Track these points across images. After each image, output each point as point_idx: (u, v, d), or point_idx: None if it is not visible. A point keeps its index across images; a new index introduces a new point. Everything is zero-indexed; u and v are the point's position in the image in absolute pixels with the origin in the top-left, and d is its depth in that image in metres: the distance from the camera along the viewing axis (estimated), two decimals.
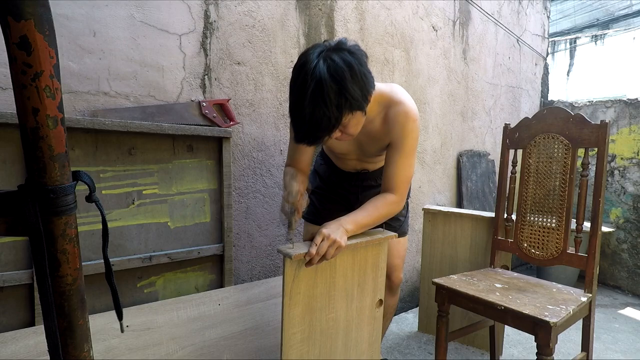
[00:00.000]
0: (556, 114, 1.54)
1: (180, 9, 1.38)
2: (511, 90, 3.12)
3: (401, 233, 1.42)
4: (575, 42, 6.92)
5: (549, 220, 1.54)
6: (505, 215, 1.72)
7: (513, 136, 1.68)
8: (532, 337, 1.19)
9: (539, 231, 1.57)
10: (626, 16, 8.10)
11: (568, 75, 6.78)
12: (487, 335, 1.83)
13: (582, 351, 1.43)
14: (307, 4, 1.74)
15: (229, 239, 1.46)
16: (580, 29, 8.56)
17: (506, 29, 2.95)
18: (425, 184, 2.46)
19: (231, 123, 1.48)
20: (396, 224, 1.40)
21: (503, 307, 1.23)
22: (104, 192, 1.22)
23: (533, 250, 1.57)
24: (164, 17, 1.35)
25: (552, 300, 1.30)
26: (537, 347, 1.18)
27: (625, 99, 3.00)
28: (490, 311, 1.29)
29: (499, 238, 1.70)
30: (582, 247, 1.45)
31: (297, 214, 1.08)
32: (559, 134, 1.52)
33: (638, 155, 2.89)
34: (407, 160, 1.16)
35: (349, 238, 1.06)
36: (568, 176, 1.49)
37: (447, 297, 1.41)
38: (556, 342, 1.17)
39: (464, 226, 1.95)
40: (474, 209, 2.47)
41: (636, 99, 2.93)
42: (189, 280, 1.41)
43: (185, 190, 1.37)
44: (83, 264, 1.00)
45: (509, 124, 1.70)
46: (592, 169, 2.81)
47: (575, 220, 1.51)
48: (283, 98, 1.69)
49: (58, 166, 0.47)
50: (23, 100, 0.44)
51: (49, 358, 0.50)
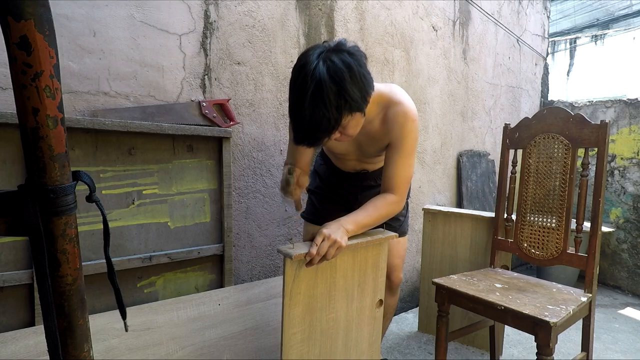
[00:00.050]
0: (556, 114, 1.54)
1: (180, 9, 1.38)
2: (511, 90, 3.12)
3: (401, 233, 1.42)
4: (575, 42, 6.92)
5: (549, 220, 1.54)
6: (505, 215, 1.72)
7: (513, 136, 1.68)
8: (532, 337, 1.19)
9: (539, 231, 1.57)
10: (626, 16, 8.10)
11: (568, 75, 6.79)
12: (487, 335, 1.83)
13: (582, 351, 1.43)
14: (307, 4, 1.74)
15: (229, 239, 1.46)
16: (580, 29, 8.56)
17: (506, 29, 2.95)
18: (425, 184, 2.46)
19: (231, 123, 1.48)
20: (396, 223, 1.40)
21: (503, 307, 1.23)
22: (104, 192, 1.22)
23: (533, 250, 1.57)
24: (164, 17, 1.35)
25: (552, 300, 1.30)
26: (537, 347, 1.18)
27: (625, 99, 3.00)
28: (490, 311, 1.29)
29: (499, 238, 1.70)
30: (582, 247, 1.45)
31: (297, 188, 1.11)
32: (559, 134, 1.52)
33: (638, 155, 2.89)
34: (407, 160, 1.16)
35: (350, 238, 1.07)
36: (568, 176, 1.49)
37: (447, 297, 1.41)
38: (556, 342, 1.17)
39: (464, 226, 1.95)
40: (474, 209, 2.47)
41: (636, 99, 2.93)
42: (189, 280, 1.41)
43: (185, 190, 1.37)
44: (83, 264, 1.00)
45: (509, 124, 1.71)
46: (592, 169, 2.81)
47: (575, 220, 1.51)
48: (283, 98, 1.69)
49: (58, 166, 0.47)
50: (23, 100, 0.44)
51: (49, 358, 0.50)
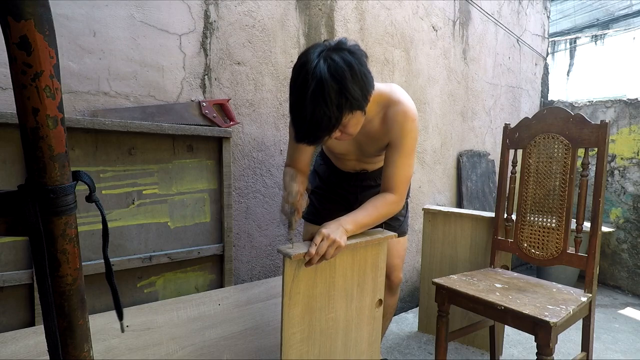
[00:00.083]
0: (556, 114, 1.54)
1: (180, 9, 1.38)
2: (511, 90, 3.12)
3: (401, 233, 1.42)
4: (575, 42, 6.92)
5: (549, 220, 1.54)
6: (505, 215, 1.72)
7: (513, 136, 1.68)
8: (532, 337, 1.19)
9: (539, 231, 1.57)
10: (626, 16, 8.09)
11: (568, 75, 6.78)
12: (487, 335, 1.83)
13: (582, 351, 1.43)
14: (307, 4, 1.74)
15: (229, 239, 1.46)
16: (580, 29, 8.56)
17: (506, 29, 2.95)
18: (425, 184, 2.46)
19: (231, 123, 1.48)
20: (396, 223, 1.40)
21: (503, 307, 1.23)
22: (104, 192, 1.22)
23: (533, 250, 1.57)
24: (164, 17, 1.35)
25: (552, 300, 1.30)
26: (537, 347, 1.18)
27: (625, 99, 3.00)
28: (490, 311, 1.29)
29: (499, 238, 1.70)
30: (582, 247, 1.45)
31: (297, 214, 1.08)
32: (559, 134, 1.52)
33: (638, 155, 2.89)
34: (407, 160, 1.16)
35: (349, 238, 1.07)
36: (568, 176, 1.49)
37: (447, 297, 1.41)
38: (556, 342, 1.17)
39: (464, 226, 1.95)
40: (474, 209, 2.47)
41: (636, 99, 2.93)
42: (189, 280, 1.41)
43: (185, 190, 1.37)
44: (83, 264, 1.00)
45: (509, 124, 1.71)
46: (592, 169, 2.81)
47: (575, 220, 1.51)
48: (283, 98, 1.69)
49: (58, 166, 0.47)
50: (23, 100, 0.44)
51: (49, 358, 0.50)
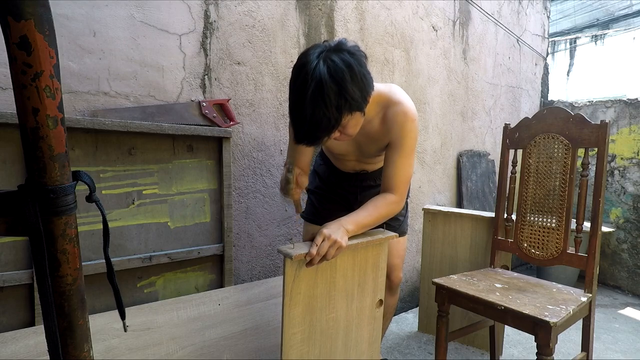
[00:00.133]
0: (556, 114, 1.54)
1: (180, 9, 1.38)
2: (511, 90, 3.12)
3: (400, 233, 1.42)
4: (575, 42, 6.92)
5: (549, 220, 1.54)
6: (505, 215, 1.72)
7: (513, 136, 1.68)
8: (532, 337, 1.19)
9: (539, 231, 1.57)
10: (626, 16, 8.10)
11: (568, 75, 6.79)
12: (487, 335, 1.83)
13: (582, 351, 1.43)
14: (307, 4, 1.73)
15: (229, 239, 1.46)
16: (580, 29, 8.56)
17: (506, 29, 2.95)
18: (425, 184, 2.46)
19: (231, 123, 1.48)
20: (395, 223, 1.40)
21: (503, 307, 1.23)
22: (104, 192, 1.22)
23: (533, 250, 1.57)
24: (164, 17, 1.35)
25: (552, 300, 1.30)
26: (537, 347, 1.18)
27: (625, 99, 3.00)
28: (490, 311, 1.29)
29: (499, 238, 1.70)
30: (582, 247, 1.45)
31: (294, 182, 1.12)
32: (559, 134, 1.52)
33: (638, 155, 2.89)
34: (407, 160, 1.16)
35: (350, 238, 1.07)
36: (568, 176, 1.49)
37: (447, 297, 1.41)
38: (556, 342, 1.17)
39: (464, 226, 1.95)
40: (474, 209, 2.47)
41: (636, 99, 2.93)
42: (189, 280, 1.41)
43: (185, 190, 1.37)
44: (83, 264, 1.00)
45: (509, 124, 1.70)
46: (592, 169, 2.81)
47: (575, 220, 1.51)
48: (283, 98, 1.69)
49: (58, 166, 0.47)
50: (23, 100, 0.44)
51: (49, 358, 0.50)
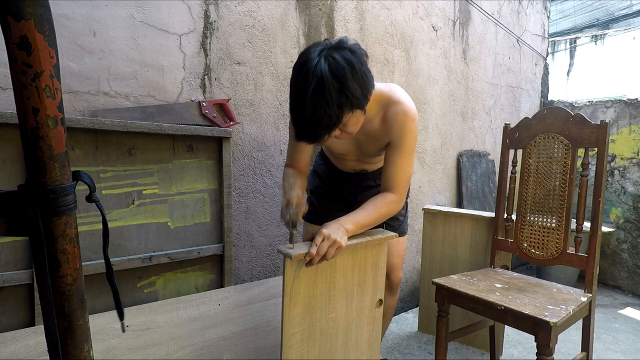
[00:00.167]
0: (556, 114, 1.54)
1: (180, 9, 1.38)
2: (511, 90, 3.12)
3: (400, 232, 1.42)
4: (575, 42, 6.92)
5: (549, 220, 1.54)
6: (505, 215, 1.72)
7: (513, 136, 1.68)
8: (532, 337, 1.19)
9: (539, 231, 1.57)
10: (626, 16, 8.10)
11: (568, 75, 6.78)
12: (487, 335, 1.83)
13: (582, 351, 1.43)
14: (307, 4, 1.74)
15: (229, 239, 1.46)
16: (580, 29, 8.56)
17: (506, 29, 2.95)
18: (425, 184, 2.46)
19: (231, 123, 1.48)
20: (395, 223, 1.40)
21: (503, 307, 1.23)
22: (104, 192, 1.22)
23: (533, 250, 1.57)
24: (164, 17, 1.35)
25: (552, 300, 1.29)
26: (537, 347, 1.18)
27: (625, 99, 3.00)
28: (490, 311, 1.29)
29: (499, 238, 1.70)
30: (582, 247, 1.45)
31: (297, 224, 1.08)
32: (559, 134, 1.52)
33: (638, 155, 2.89)
34: (406, 159, 1.16)
35: (349, 238, 1.07)
36: (568, 176, 1.49)
37: (447, 297, 1.41)
38: (556, 342, 1.17)
39: (464, 226, 1.95)
40: (474, 209, 2.47)
41: (636, 99, 2.93)
42: (189, 280, 1.41)
43: (185, 190, 1.37)
44: (83, 264, 1.00)
45: (509, 124, 1.70)
46: (592, 169, 2.81)
47: (575, 220, 1.51)
48: (283, 98, 1.69)
49: (58, 166, 0.47)
50: (23, 100, 0.44)
51: (49, 358, 0.50)
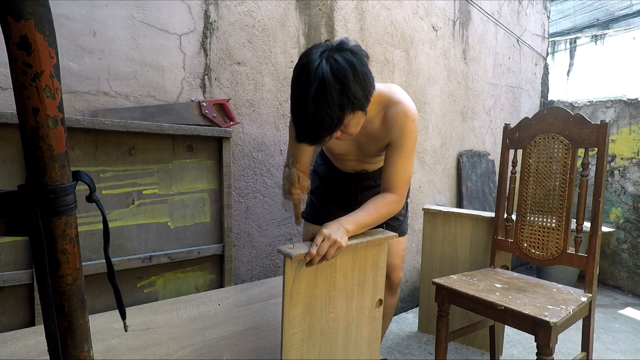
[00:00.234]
0: (556, 114, 1.54)
1: (180, 9, 1.38)
2: (511, 90, 3.12)
3: (400, 232, 1.42)
4: (575, 42, 6.92)
5: (549, 220, 1.54)
6: (505, 215, 1.72)
7: (513, 136, 1.68)
8: (532, 337, 1.19)
9: (539, 231, 1.57)
10: (626, 16, 8.10)
11: (568, 75, 6.78)
12: (487, 335, 1.83)
13: (582, 351, 1.43)
14: (307, 4, 1.73)
15: (229, 239, 1.46)
16: (580, 29, 8.56)
17: (506, 29, 2.95)
18: (425, 184, 2.46)
19: (231, 123, 1.48)
20: (395, 223, 1.40)
21: (503, 307, 1.23)
22: (104, 192, 1.22)
23: (533, 250, 1.57)
24: (164, 17, 1.35)
25: (552, 300, 1.29)
26: (537, 347, 1.18)
27: (625, 99, 3.00)
28: (490, 311, 1.29)
29: (499, 238, 1.70)
30: (582, 247, 1.45)
31: (295, 183, 1.12)
32: (559, 134, 1.52)
33: (638, 155, 2.89)
34: (407, 160, 1.16)
35: (350, 238, 1.07)
36: (568, 176, 1.49)
37: (447, 297, 1.41)
38: (556, 342, 1.17)
39: (464, 226, 1.95)
40: (474, 209, 2.47)
41: (636, 99, 2.93)
42: (189, 280, 1.41)
43: (185, 190, 1.37)
44: (83, 264, 1.00)
45: (509, 124, 1.70)
46: (592, 169, 2.81)
47: (575, 220, 1.51)
48: (283, 98, 1.69)
49: (58, 166, 0.47)
50: (23, 100, 0.44)
51: (49, 358, 0.50)
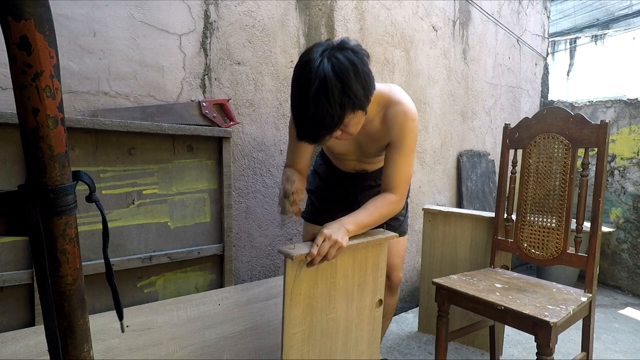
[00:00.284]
0: (556, 114, 1.54)
1: (180, 9, 1.38)
2: (511, 90, 3.12)
3: (400, 232, 1.42)
4: (575, 42, 6.92)
5: (549, 220, 1.54)
6: (505, 215, 1.72)
7: (513, 136, 1.68)
8: (532, 337, 1.19)
9: (539, 231, 1.57)
10: (626, 16, 8.10)
11: (568, 75, 6.78)
12: (487, 335, 1.82)
13: (582, 351, 1.43)
14: (307, 4, 1.73)
15: (229, 239, 1.46)
16: (580, 29, 8.56)
17: (506, 29, 2.95)
18: (425, 184, 2.46)
19: (231, 123, 1.48)
20: (395, 223, 1.40)
21: (503, 307, 1.23)
22: (104, 192, 1.22)
23: (533, 250, 1.57)
24: (164, 17, 1.35)
25: (552, 300, 1.29)
26: (537, 347, 1.18)
27: (625, 99, 3.00)
28: (490, 311, 1.29)
29: (499, 238, 1.70)
30: (582, 247, 1.45)
31: (292, 202, 1.12)
32: (559, 134, 1.52)
33: (638, 155, 2.89)
34: (407, 159, 1.16)
35: (350, 238, 1.07)
36: (568, 176, 1.49)
37: (447, 297, 1.41)
38: (556, 342, 1.17)
39: (464, 226, 1.95)
40: (474, 209, 2.47)
41: (636, 99, 2.93)
42: (189, 280, 1.41)
43: (185, 190, 1.37)
44: (83, 264, 1.00)
45: (509, 124, 1.70)
46: (592, 169, 2.81)
47: (575, 220, 1.51)
48: (283, 98, 1.69)
49: (58, 166, 0.47)
50: (23, 100, 0.44)
51: (49, 358, 0.50)
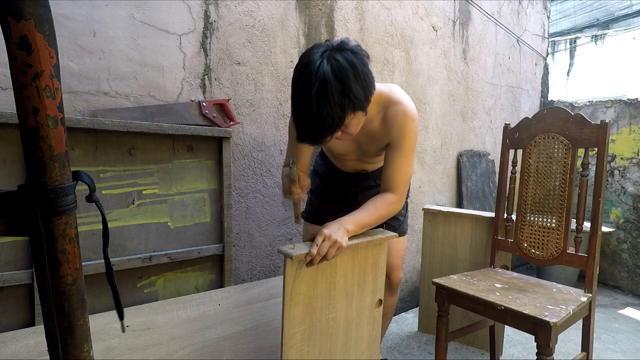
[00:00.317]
0: (556, 114, 1.54)
1: (180, 9, 1.38)
2: (511, 90, 3.12)
3: (400, 232, 1.42)
4: (575, 42, 6.92)
5: (549, 220, 1.54)
6: (505, 215, 1.72)
7: (513, 136, 1.68)
8: (532, 337, 1.19)
9: (539, 231, 1.57)
10: (626, 16, 8.10)
11: (568, 75, 6.78)
12: (487, 335, 1.83)
13: (582, 351, 1.43)
14: (307, 4, 1.73)
15: (229, 239, 1.46)
16: (580, 29, 8.56)
17: (506, 29, 2.95)
18: (425, 184, 2.46)
19: (231, 123, 1.48)
20: (395, 223, 1.40)
21: (503, 307, 1.23)
22: (104, 192, 1.22)
23: (533, 250, 1.57)
24: (164, 17, 1.35)
25: (552, 300, 1.29)
26: (537, 347, 1.18)
27: (625, 99, 3.00)
28: (490, 311, 1.29)
29: (499, 238, 1.70)
30: (582, 247, 1.45)
31: (296, 183, 1.14)
32: (559, 134, 1.52)
33: (638, 155, 2.89)
34: (406, 159, 1.16)
35: (350, 238, 1.07)
36: (568, 176, 1.49)
37: (447, 297, 1.41)
38: (556, 342, 1.17)
39: (464, 226, 1.95)
40: (474, 209, 2.47)
41: (636, 99, 2.93)
42: (189, 280, 1.41)
43: (185, 190, 1.37)
44: (83, 264, 1.00)
45: (509, 124, 1.70)
46: (592, 169, 2.81)
47: (575, 220, 1.51)
48: (283, 98, 1.69)
49: (58, 166, 0.47)
50: (23, 100, 0.44)
51: (49, 358, 0.50)
